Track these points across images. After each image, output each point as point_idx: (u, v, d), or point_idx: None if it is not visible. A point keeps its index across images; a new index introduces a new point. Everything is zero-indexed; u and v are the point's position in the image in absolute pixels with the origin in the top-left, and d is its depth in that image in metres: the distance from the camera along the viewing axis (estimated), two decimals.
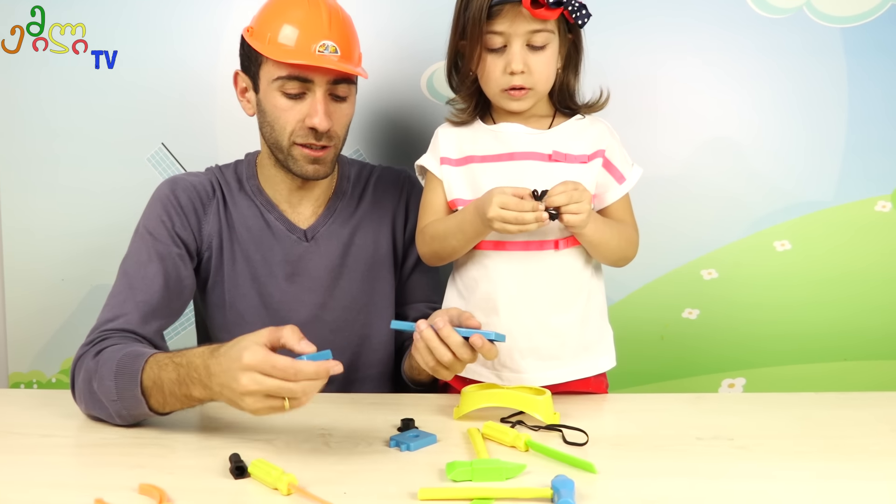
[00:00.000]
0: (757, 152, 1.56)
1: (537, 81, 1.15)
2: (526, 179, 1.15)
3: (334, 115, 1.22)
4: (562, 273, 1.18)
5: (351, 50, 1.23)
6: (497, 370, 1.19)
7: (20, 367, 1.67)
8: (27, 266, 1.64)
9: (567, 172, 1.16)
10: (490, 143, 1.20)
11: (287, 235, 1.30)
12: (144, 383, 1.01)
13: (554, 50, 1.16)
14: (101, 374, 1.04)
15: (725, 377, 1.60)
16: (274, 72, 1.20)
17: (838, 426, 1.04)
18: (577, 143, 1.19)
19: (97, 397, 1.04)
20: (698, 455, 0.95)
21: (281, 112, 1.22)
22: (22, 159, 1.62)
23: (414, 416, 1.06)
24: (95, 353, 1.09)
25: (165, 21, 1.58)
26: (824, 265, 1.57)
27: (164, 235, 1.24)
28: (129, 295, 1.19)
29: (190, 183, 1.30)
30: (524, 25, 1.12)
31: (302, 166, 1.24)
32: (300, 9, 1.21)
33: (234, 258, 1.29)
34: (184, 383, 0.98)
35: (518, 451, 0.96)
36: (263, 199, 1.31)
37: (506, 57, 1.14)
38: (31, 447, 0.98)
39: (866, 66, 1.53)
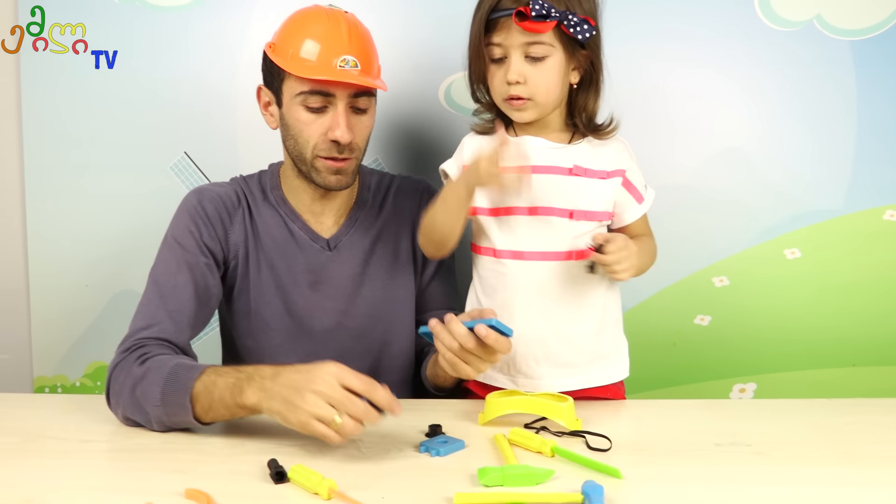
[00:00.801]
0: (767, 162, 1.60)
1: (535, 92, 1.17)
2: (546, 192, 1.18)
3: (355, 128, 1.25)
4: (578, 282, 1.21)
5: (370, 63, 1.25)
6: (513, 376, 1.23)
7: (45, 370, 1.70)
8: (52, 271, 1.67)
9: (586, 186, 1.20)
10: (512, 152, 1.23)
11: (310, 244, 1.33)
12: (195, 389, 1.04)
13: (556, 63, 1.17)
14: (149, 379, 1.07)
15: (736, 382, 1.64)
16: (296, 87, 1.23)
17: (852, 432, 1.08)
18: (598, 160, 1.22)
19: (137, 401, 1.07)
20: (718, 461, 0.98)
21: (304, 126, 1.25)
22: (47, 166, 1.65)
23: (440, 421, 1.09)
24: (141, 360, 1.12)
25: (186, 31, 1.61)
26: (834, 273, 1.60)
27: (192, 245, 1.27)
28: (161, 304, 1.22)
29: (216, 193, 1.33)
30: (519, 37, 1.15)
31: (325, 178, 1.28)
32: (320, 24, 1.24)
33: (260, 267, 1.32)
34: (238, 387, 1.02)
35: (544, 456, 0.99)
36: (287, 209, 1.34)
37: (505, 67, 1.17)
38: (71, 452, 1.02)
39: (875, 77, 1.57)
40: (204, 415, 1.05)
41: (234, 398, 1.02)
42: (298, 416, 0.95)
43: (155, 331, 1.18)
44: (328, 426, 0.94)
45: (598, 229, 1.23)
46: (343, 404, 0.94)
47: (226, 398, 1.02)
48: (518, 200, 1.20)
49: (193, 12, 1.61)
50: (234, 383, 1.02)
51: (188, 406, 1.04)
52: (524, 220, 1.20)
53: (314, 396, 0.95)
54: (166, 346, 1.17)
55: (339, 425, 0.94)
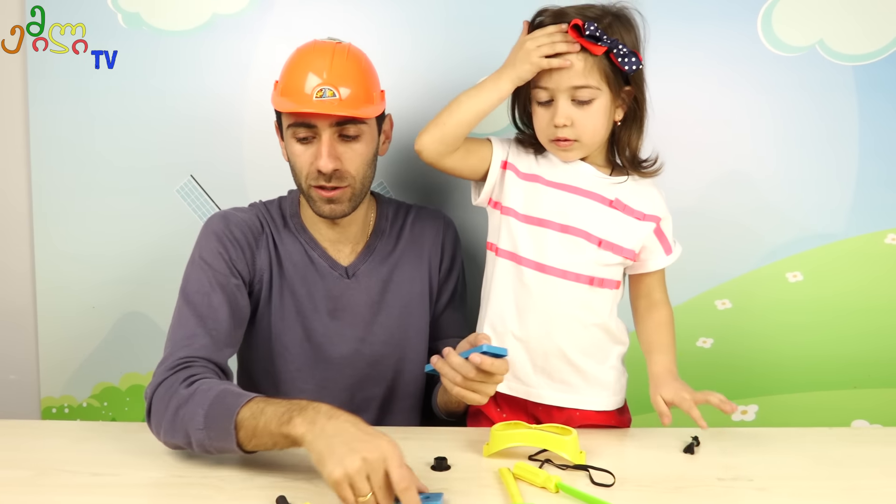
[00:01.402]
0: (770, 186, 1.61)
1: (582, 134, 1.19)
2: (583, 215, 1.22)
3: (344, 156, 1.26)
4: (590, 308, 1.24)
5: (359, 91, 1.25)
6: (507, 380, 1.23)
7: (52, 391, 1.71)
8: (59, 293, 1.69)
9: (621, 221, 1.23)
10: (561, 171, 1.25)
11: (330, 272, 1.34)
12: (241, 413, 1.02)
13: (602, 105, 1.19)
14: (194, 402, 1.06)
15: (738, 404, 1.65)
16: (286, 120, 1.27)
17: (854, 465, 1.09)
18: (637, 200, 1.25)
19: (181, 423, 1.06)
20: (721, 497, 0.99)
21: (296, 157, 1.28)
22: (55, 188, 1.66)
23: (446, 451, 1.11)
24: (189, 382, 1.11)
25: (194, 55, 1.63)
26: (835, 296, 1.61)
27: (222, 266, 1.27)
28: (199, 322, 1.21)
29: (241, 219, 1.33)
30: (567, 81, 1.17)
31: (319, 206, 1.29)
32: (306, 58, 1.27)
33: (282, 293, 1.34)
34: (288, 416, 0.99)
35: (549, 492, 1.00)
36: (307, 236, 1.36)
37: (552, 110, 1.19)
38: (83, 487, 1.03)
39: (877, 102, 1.58)
40: (247, 442, 1.02)
41: (281, 426, 0.98)
42: (337, 470, 0.91)
43: (195, 349, 1.17)
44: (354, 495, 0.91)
45: (619, 266, 1.26)
46: (381, 490, 0.91)
47: (271, 426, 0.99)
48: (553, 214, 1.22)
49: (201, 37, 1.62)
50: (284, 412, 0.99)
51: (232, 432, 1.02)
52: (554, 235, 1.23)
53: (362, 464, 0.91)
54: (211, 368, 1.16)
55: (365, 502, 0.91)
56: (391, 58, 1.57)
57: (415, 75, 1.61)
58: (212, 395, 1.06)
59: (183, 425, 1.07)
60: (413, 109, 1.60)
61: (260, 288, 1.33)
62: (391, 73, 1.49)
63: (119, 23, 1.63)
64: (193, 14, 1.63)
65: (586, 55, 1.16)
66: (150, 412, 1.13)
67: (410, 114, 1.60)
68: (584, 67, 1.16)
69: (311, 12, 1.62)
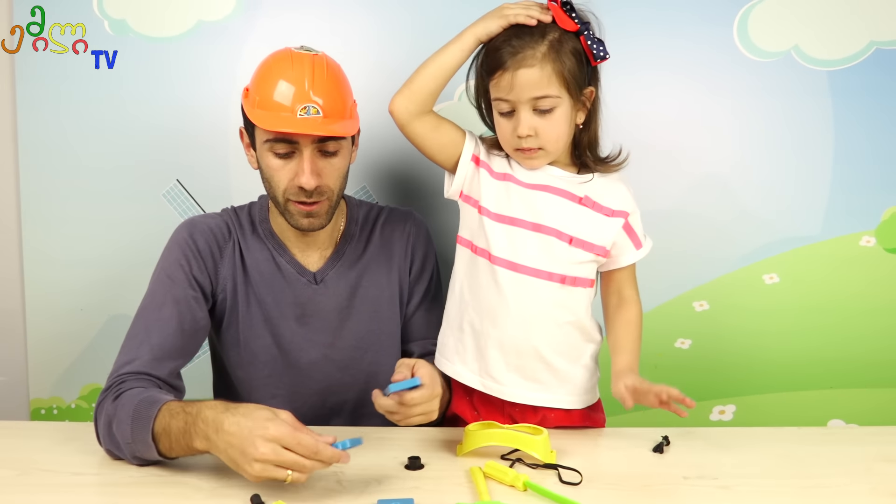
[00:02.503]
0: (747, 189, 1.64)
1: (546, 143, 1.21)
2: (555, 215, 1.24)
3: (324, 171, 1.27)
4: (563, 306, 1.25)
5: (338, 106, 1.26)
6: (483, 378, 1.27)
7: (41, 392, 1.74)
8: (48, 295, 1.71)
9: (591, 218, 1.25)
10: (527, 173, 1.27)
11: (297, 278, 1.36)
12: (155, 429, 1.07)
13: (564, 112, 1.20)
14: (120, 418, 1.11)
15: (716, 404, 1.68)
16: (263, 134, 1.26)
17: (818, 464, 1.12)
18: (606, 196, 1.27)
19: (115, 439, 1.11)
20: (683, 496, 1.02)
21: (273, 172, 1.28)
22: (43, 191, 1.69)
23: (420, 451, 1.14)
24: (115, 398, 1.15)
25: (180, 61, 1.65)
26: (811, 297, 1.64)
27: (181, 279, 1.30)
28: (145, 338, 1.25)
29: (207, 226, 1.36)
30: (528, 92, 1.18)
31: (297, 220, 1.30)
32: (284, 71, 1.24)
33: (248, 300, 1.36)
34: (188, 433, 1.05)
35: (517, 490, 1.03)
36: (275, 242, 1.38)
37: (514, 121, 1.21)
38: (64, 486, 1.06)
39: (851, 107, 1.61)
40: (168, 453, 1.08)
41: (186, 441, 1.05)
42: (249, 476, 0.99)
43: (136, 365, 1.21)
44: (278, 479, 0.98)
45: (591, 263, 1.27)
46: (291, 465, 0.97)
47: (180, 441, 1.06)
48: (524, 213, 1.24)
49: (187, 43, 1.65)
50: (184, 428, 1.05)
51: (152, 444, 1.07)
52: (526, 234, 1.24)
53: (260, 465, 0.97)
54: (144, 379, 1.20)
55: (290, 481, 0.97)
56: (374, 60, 1.59)
57: (394, 78, 1.63)
58: (131, 409, 1.10)
59: (118, 441, 1.11)
60: None
61: (224, 297, 1.35)
62: (373, 76, 1.51)
63: (105, 29, 1.65)
64: (179, 21, 1.65)
65: (543, 64, 1.17)
66: (96, 429, 1.17)
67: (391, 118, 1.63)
68: (543, 76, 1.17)
69: (295, 18, 1.64)
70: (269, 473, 0.97)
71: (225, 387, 1.43)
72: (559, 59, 1.18)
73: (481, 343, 1.26)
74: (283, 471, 0.97)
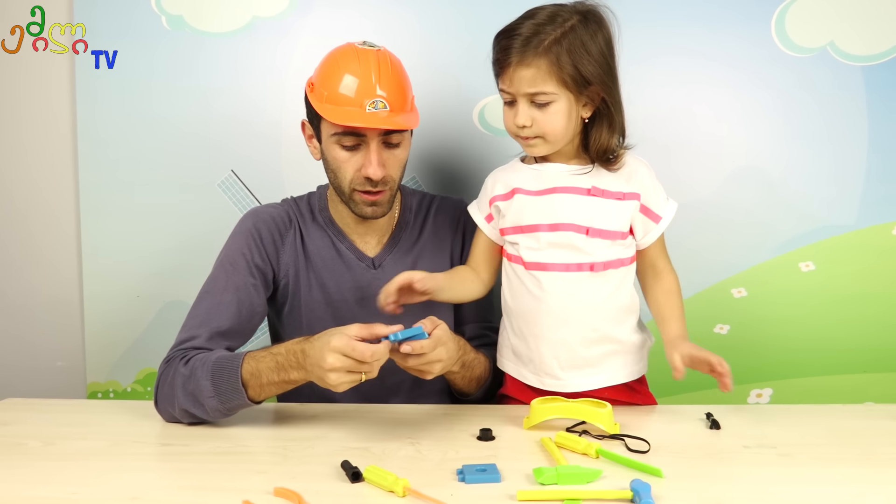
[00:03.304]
0: (783, 180, 1.69)
1: (546, 133, 1.24)
2: (566, 210, 1.28)
3: (388, 162, 1.33)
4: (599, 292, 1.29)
5: (401, 99, 1.32)
6: (541, 377, 1.33)
7: (98, 377, 1.79)
8: (105, 283, 1.77)
9: (603, 206, 1.28)
10: (533, 180, 1.32)
11: (357, 263, 1.43)
12: (243, 376, 1.18)
13: (562, 107, 1.22)
14: (197, 377, 1.20)
15: (754, 388, 1.73)
16: (331, 128, 1.31)
17: (870, 435, 1.17)
18: (615, 182, 1.29)
19: (192, 397, 1.19)
20: (749, 462, 1.07)
21: (340, 163, 1.34)
22: (101, 182, 1.75)
23: (488, 425, 1.19)
24: (185, 362, 1.23)
25: (236, 55, 1.71)
26: (846, 284, 1.70)
27: (242, 267, 1.37)
28: (205, 319, 1.32)
29: (269, 215, 1.42)
30: (523, 88, 1.22)
31: (362, 209, 1.37)
32: (351, 65, 1.30)
33: (310, 284, 1.42)
34: (283, 369, 1.17)
35: (590, 458, 1.08)
36: (335, 229, 1.44)
37: (514, 110, 1.25)
38: (158, 455, 1.12)
39: (885, 100, 1.67)
40: (256, 397, 1.19)
41: (282, 376, 1.17)
42: (333, 389, 1.11)
43: (195, 342, 1.29)
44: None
45: (618, 246, 1.30)
46: (358, 367, 1.09)
47: (274, 379, 1.18)
48: (540, 218, 1.29)
49: (241, 38, 1.71)
50: (276, 366, 1.18)
51: (241, 390, 1.17)
52: (546, 236, 1.29)
53: (335, 375, 1.09)
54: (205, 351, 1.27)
55: (364, 379, 1.11)
56: (419, 60, 1.65)
57: (441, 76, 1.69)
58: (210, 366, 1.20)
59: (196, 397, 1.20)
60: (440, 108, 1.68)
61: (287, 282, 1.41)
62: (421, 73, 1.57)
63: (163, 24, 1.71)
64: (234, 17, 1.72)
65: (539, 62, 1.19)
66: (156, 397, 1.26)
67: (438, 113, 1.69)
68: (539, 75, 1.20)
69: (346, 15, 1.71)
70: (344, 379, 1.10)
71: None
72: (558, 59, 1.19)
73: (531, 345, 1.32)
74: (356, 375, 1.10)
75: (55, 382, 1.81)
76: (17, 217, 1.80)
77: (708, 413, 1.25)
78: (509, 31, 1.24)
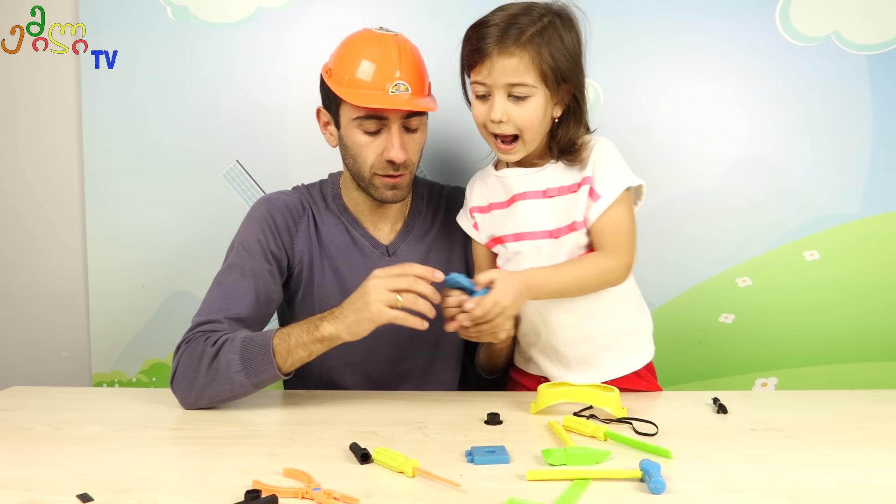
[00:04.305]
0: (788, 169, 1.70)
1: (522, 128, 1.22)
2: (528, 218, 1.28)
3: (408, 146, 1.34)
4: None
5: (420, 83, 1.34)
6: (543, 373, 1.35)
7: (103, 367, 1.79)
8: (110, 273, 1.78)
9: (560, 203, 1.26)
10: (500, 190, 1.32)
11: (371, 251, 1.43)
12: (273, 342, 1.20)
13: (539, 102, 1.21)
14: (224, 351, 1.21)
15: (759, 377, 1.73)
16: (352, 112, 1.32)
17: (877, 419, 1.17)
18: (569, 174, 1.27)
19: (217, 373, 1.20)
20: (757, 444, 1.07)
21: (361, 148, 1.34)
22: (107, 173, 1.75)
23: (495, 410, 1.19)
24: (212, 341, 1.23)
25: (240, 45, 1.71)
26: (851, 274, 1.70)
27: (258, 253, 1.36)
28: (224, 305, 1.32)
29: (283, 202, 1.42)
30: (503, 78, 1.19)
31: (382, 193, 1.37)
32: (372, 50, 1.31)
33: (324, 271, 1.42)
34: (312, 327, 1.20)
35: (598, 440, 1.08)
36: (349, 217, 1.44)
37: (489, 105, 1.22)
38: (168, 439, 1.12)
39: (890, 89, 1.67)
40: (283, 364, 1.20)
41: (312, 334, 1.19)
42: (370, 308, 1.15)
43: (214, 325, 1.28)
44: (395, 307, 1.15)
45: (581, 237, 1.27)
46: (396, 283, 1.15)
47: (303, 338, 1.20)
48: (507, 228, 1.30)
49: (247, 28, 1.71)
50: (306, 328, 1.20)
51: (272, 359, 1.19)
52: (513, 245, 1.30)
53: (374, 289, 1.15)
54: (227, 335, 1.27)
55: (402, 303, 1.15)
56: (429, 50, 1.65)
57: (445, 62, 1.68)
58: (238, 342, 1.22)
59: (221, 374, 1.20)
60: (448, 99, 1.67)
61: (301, 269, 1.41)
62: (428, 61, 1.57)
63: (168, 15, 1.71)
64: (239, 7, 1.72)
65: (522, 52, 1.17)
66: (174, 376, 1.25)
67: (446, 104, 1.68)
68: (521, 65, 1.18)
69: (353, 4, 1.70)
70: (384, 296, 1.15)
71: None
72: (540, 50, 1.19)
73: (524, 349, 1.35)
74: (394, 296, 1.15)
75: (60, 373, 1.81)
76: (23, 208, 1.80)
77: (715, 398, 1.26)
78: (486, 22, 1.22)
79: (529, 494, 0.87)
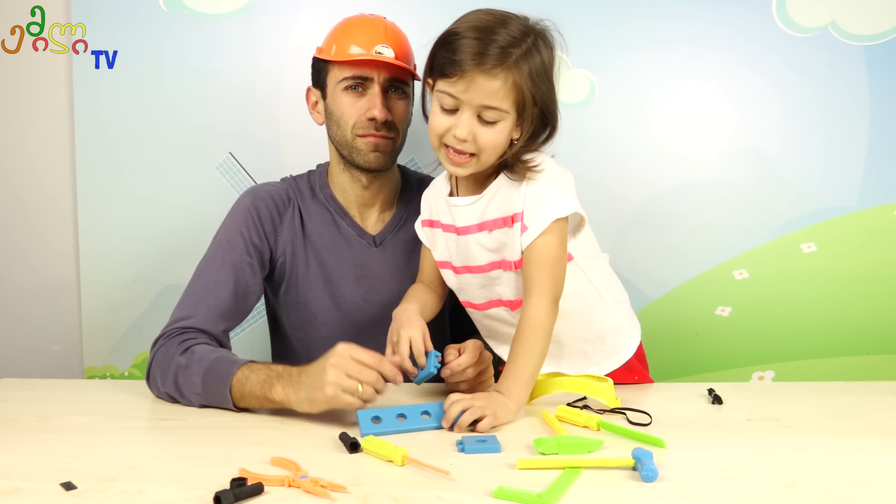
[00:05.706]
0: (784, 161, 1.69)
1: (483, 150, 1.14)
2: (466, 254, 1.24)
3: (392, 108, 1.36)
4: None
5: (406, 57, 1.37)
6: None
7: (95, 361, 1.78)
8: (102, 266, 1.76)
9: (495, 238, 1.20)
10: (445, 213, 1.28)
11: (357, 240, 1.42)
12: (232, 381, 1.14)
13: (506, 127, 1.13)
14: (191, 371, 1.18)
15: (755, 370, 1.72)
16: (339, 74, 1.34)
17: (874, 409, 1.17)
18: (504, 205, 1.19)
19: (179, 388, 1.18)
20: (752, 433, 1.06)
21: (345, 108, 1.35)
22: (98, 165, 1.73)
23: None
24: (184, 348, 1.21)
25: (232, 36, 1.70)
26: (847, 265, 1.69)
27: (239, 245, 1.36)
28: (203, 297, 1.31)
29: (268, 193, 1.41)
30: (479, 98, 1.10)
31: (365, 155, 1.36)
32: (361, 24, 1.38)
33: (308, 262, 1.40)
34: (268, 383, 1.12)
35: (591, 430, 1.07)
36: (336, 206, 1.43)
37: (454, 119, 1.13)
38: (156, 429, 1.11)
39: (887, 80, 1.66)
40: (238, 402, 1.15)
41: (264, 391, 1.12)
42: (325, 391, 1.05)
43: (192, 321, 1.28)
44: (352, 395, 1.05)
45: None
46: (360, 374, 1.06)
47: (256, 391, 1.13)
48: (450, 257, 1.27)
49: (240, 19, 1.70)
50: (265, 379, 1.13)
51: (228, 396, 1.14)
52: (456, 277, 1.28)
53: (335, 371, 1.05)
54: (204, 335, 1.26)
55: (361, 392, 1.06)
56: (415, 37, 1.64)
57: None
58: (206, 365, 1.18)
59: (182, 390, 1.19)
60: None
61: (284, 260, 1.40)
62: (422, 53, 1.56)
63: (161, 6, 1.70)
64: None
65: (506, 76, 1.09)
66: (149, 373, 1.25)
67: None
68: (502, 90, 1.10)
69: None
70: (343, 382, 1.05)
71: (284, 350, 1.48)
72: (522, 77, 1.11)
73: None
74: (355, 383, 1.05)
75: (52, 367, 1.80)
76: (15, 202, 1.79)
77: (710, 389, 1.24)
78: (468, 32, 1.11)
79: (520, 483, 0.86)
